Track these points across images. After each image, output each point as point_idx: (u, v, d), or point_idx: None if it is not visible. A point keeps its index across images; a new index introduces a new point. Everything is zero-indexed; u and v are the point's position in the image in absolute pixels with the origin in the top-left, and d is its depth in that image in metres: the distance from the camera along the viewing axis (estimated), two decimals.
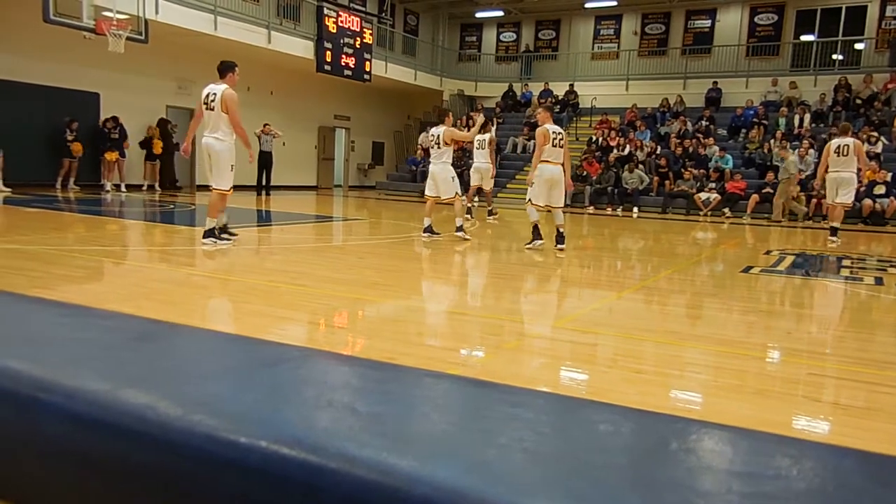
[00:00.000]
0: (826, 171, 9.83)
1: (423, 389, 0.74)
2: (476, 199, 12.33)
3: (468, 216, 11.88)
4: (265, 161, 16.58)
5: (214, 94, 6.56)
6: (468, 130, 11.29)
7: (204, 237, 6.75)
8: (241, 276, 5.60)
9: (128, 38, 12.19)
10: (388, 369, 0.86)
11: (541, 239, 7.55)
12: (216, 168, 6.73)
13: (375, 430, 0.61)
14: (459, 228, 8.01)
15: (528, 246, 7.57)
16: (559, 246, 7.47)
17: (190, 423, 0.61)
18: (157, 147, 15.55)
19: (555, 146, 7.30)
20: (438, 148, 7.84)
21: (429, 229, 8.00)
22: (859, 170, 10.00)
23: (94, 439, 0.65)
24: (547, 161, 7.33)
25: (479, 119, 8.49)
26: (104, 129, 14.41)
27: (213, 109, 6.56)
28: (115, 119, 14.45)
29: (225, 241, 6.88)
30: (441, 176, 7.87)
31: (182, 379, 0.75)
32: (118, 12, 11.98)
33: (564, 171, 7.48)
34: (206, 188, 16.51)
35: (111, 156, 14.43)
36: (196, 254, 6.93)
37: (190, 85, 16.76)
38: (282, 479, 0.57)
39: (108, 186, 14.37)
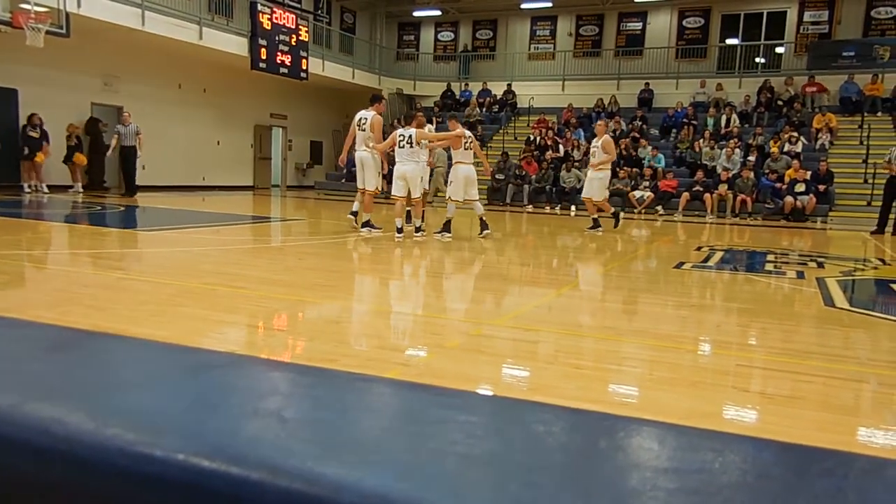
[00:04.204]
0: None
1: (353, 394, 0.72)
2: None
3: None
4: (125, 156, 14.29)
5: (365, 118, 8.33)
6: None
7: (361, 227, 8.54)
8: (176, 278, 5.41)
9: (48, 32, 11.58)
10: (318, 374, 0.84)
11: (449, 233, 8.35)
12: (367, 174, 8.39)
13: (302, 437, 0.59)
14: (419, 229, 8.32)
15: (436, 234, 8.40)
16: (484, 232, 8.50)
17: (103, 438, 0.58)
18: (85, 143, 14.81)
19: (467, 148, 8.38)
20: (410, 147, 7.92)
21: (420, 229, 8.34)
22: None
23: None
24: (460, 162, 8.41)
25: (457, 131, 8.51)
26: (26, 128, 13.60)
27: (364, 130, 8.31)
28: (37, 117, 13.62)
29: (377, 230, 8.48)
30: (412, 176, 8.02)
31: (97, 390, 0.70)
32: (36, 4, 11.38)
33: (483, 165, 8.99)
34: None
35: (41, 157, 13.67)
36: (127, 257, 6.67)
37: (116, 81, 16.07)
38: (203, 493, 0.54)
39: (27, 187, 13.67)
